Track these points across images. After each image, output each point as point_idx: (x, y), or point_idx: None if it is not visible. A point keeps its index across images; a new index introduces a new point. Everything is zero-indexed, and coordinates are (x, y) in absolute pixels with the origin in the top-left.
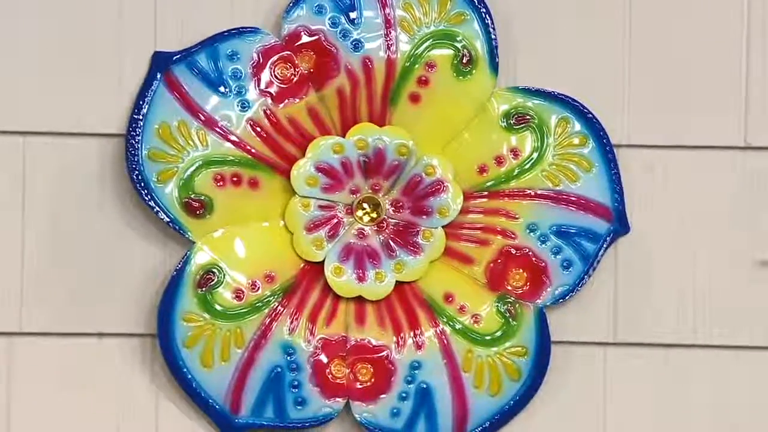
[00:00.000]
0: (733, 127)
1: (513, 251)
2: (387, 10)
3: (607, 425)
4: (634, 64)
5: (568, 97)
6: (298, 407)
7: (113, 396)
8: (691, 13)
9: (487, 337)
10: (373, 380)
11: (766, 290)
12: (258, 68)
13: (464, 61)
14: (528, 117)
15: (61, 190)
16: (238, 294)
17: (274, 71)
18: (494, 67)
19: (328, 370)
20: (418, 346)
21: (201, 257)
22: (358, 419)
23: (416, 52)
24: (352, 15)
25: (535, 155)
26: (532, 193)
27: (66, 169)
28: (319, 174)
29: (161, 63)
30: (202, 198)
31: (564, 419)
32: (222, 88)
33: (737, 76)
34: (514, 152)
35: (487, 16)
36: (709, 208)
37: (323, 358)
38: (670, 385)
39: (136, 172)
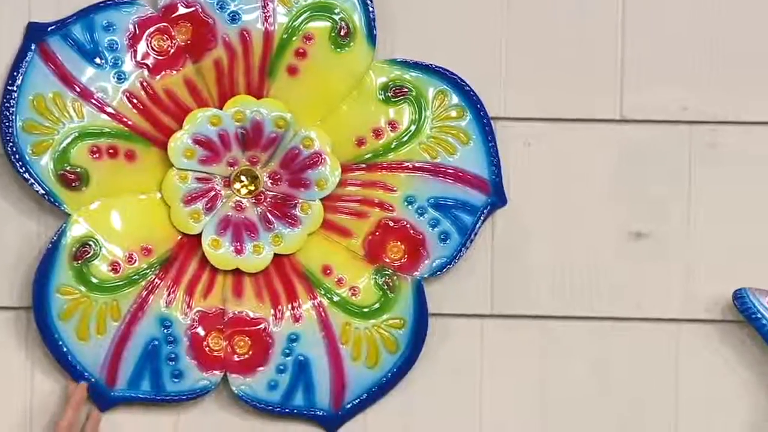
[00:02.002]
0: (609, 101)
1: (391, 224)
2: None
3: (483, 397)
4: (512, 38)
5: (445, 69)
6: (175, 380)
7: None
8: None
9: (365, 310)
10: (250, 353)
11: (642, 262)
12: (134, 40)
13: (342, 33)
14: (406, 90)
15: None
16: (115, 267)
17: (150, 43)
18: (372, 39)
19: (205, 343)
20: (296, 319)
21: (77, 230)
22: (236, 392)
23: (294, 24)
24: None
25: (412, 128)
26: (410, 166)
27: None
28: (197, 146)
29: (35, 34)
30: (78, 170)
31: (441, 391)
32: (98, 60)
33: (613, 50)
34: (392, 125)
35: None
36: (585, 180)
37: (200, 331)
38: (547, 356)
39: (11, 144)
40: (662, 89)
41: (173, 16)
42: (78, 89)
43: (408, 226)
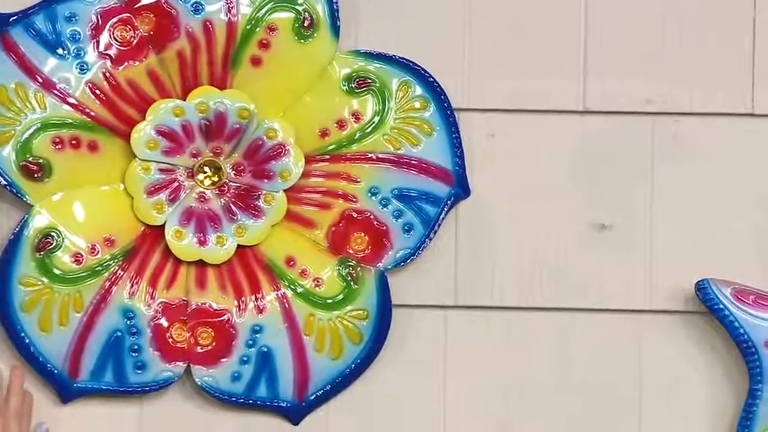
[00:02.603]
0: (572, 92)
1: (354, 215)
2: None
3: (447, 388)
4: (475, 29)
5: (409, 61)
6: (138, 371)
7: None
8: None
9: (329, 301)
10: (214, 344)
11: (605, 253)
12: (97, 30)
13: (305, 24)
14: (369, 81)
15: None
16: (78, 258)
17: (113, 33)
18: (335, 30)
19: (168, 334)
20: (260, 310)
21: (39, 221)
22: (199, 383)
23: (257, 15)
24: None
25: (376, 119)
26: (374, 157)
27: None
28: (160, 137)
29: None
30: (41, 161)
31: (405, 382)
32: (60, 50)
33: (576, 41)
34: (356, 116)
35: None
36: (548, 172)
37: (163, 322)
38: (510, 347)
39: None
40: (625, 81)
41: (136, 6)
42: (40, 80)
43: (372, 217)
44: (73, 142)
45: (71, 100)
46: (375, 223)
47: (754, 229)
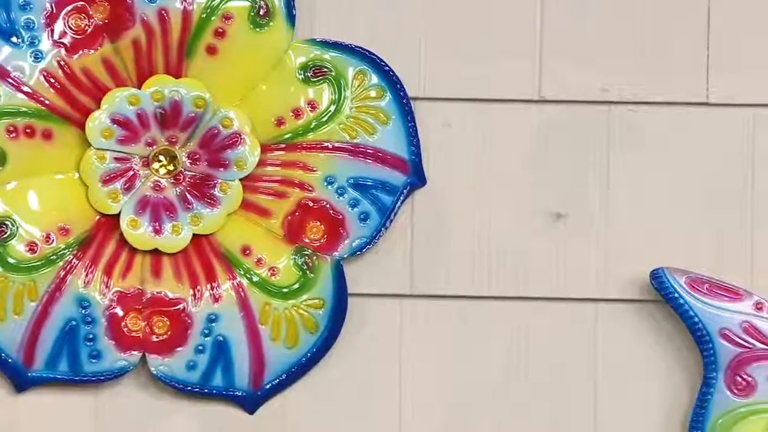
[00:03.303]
0: (527, 81)
1: (310, 204)
2: None
3: (403, 377)
4: (431, 17)
5: (364, 49)
6: (93, 360)
7: None
8: None
9: (285, 290)
10: (169, 333)
11: (560, 242)
12: (51, 18)
13: (261, 12)
14: (325, 69)
15: None
16: (32, 247)
17: (68, 22)
18: (291, 19)
19: (123, 323)
20: (215, 299)
21: None
22: (154, 372)
23: (213, 3)
24: None
25: (332, 108)
26: (330, 146)
27: None
28: (115, 126)
29: None
30: None
31: (361, 371)
32: (14, 39)
33: (532, 30)
34: (312, 105)
35: None
36: (504, 161)
37: (119, 311)
38: (466, 336)
39: None
40: (581, 70)
41: None
42: None
43: (328, 206)
44: (28, 130)
45: (25, 89)
46: (331, 212)
47: (708, 218)
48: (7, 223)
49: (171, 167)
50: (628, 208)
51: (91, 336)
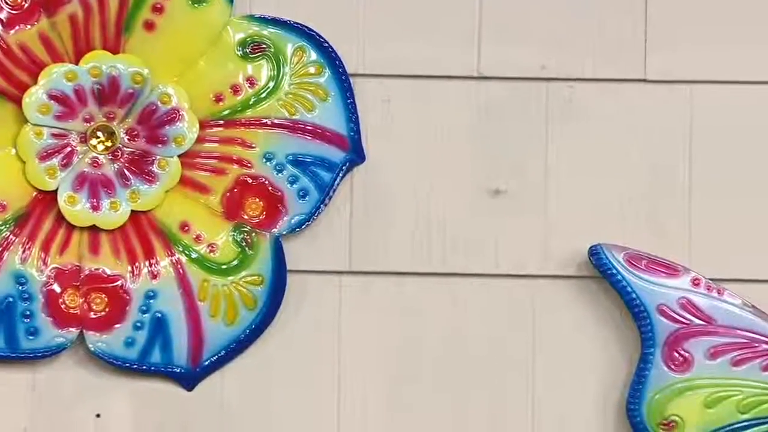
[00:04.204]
0: (467, 58)
1: (249, 180)
2: None
3: (342, 353)
4: None
5: (303, 26)
6: (30, 337)
7: None
8: None
9: (223, 267)
10: (107, 310)
11: (500, 219)
12: None
13: None
14: (264, 46)
15: None
16: None
17: None
18: None
19: (61, 300)
20: (154, 276)
21: None
22: (92, 349)
23: None
24: None
25: (271, 84)
26: (269, 122)
27: None
28: (52, 102)
29: None
30: None
31: (299, 348)
32: None
33: (471, 7)
34: (250, 81)
35: None
36: (444, 137)
37: (56, 288)
38: (405, 312)
39: None
40: (520, 47)
41: None
42: None
43: (266, 182)
44: None
45: None
46: (270, 188)
47: (646, 194)
48: None
49: (109, 143)
50: (567, 185)
51: (28, 313)
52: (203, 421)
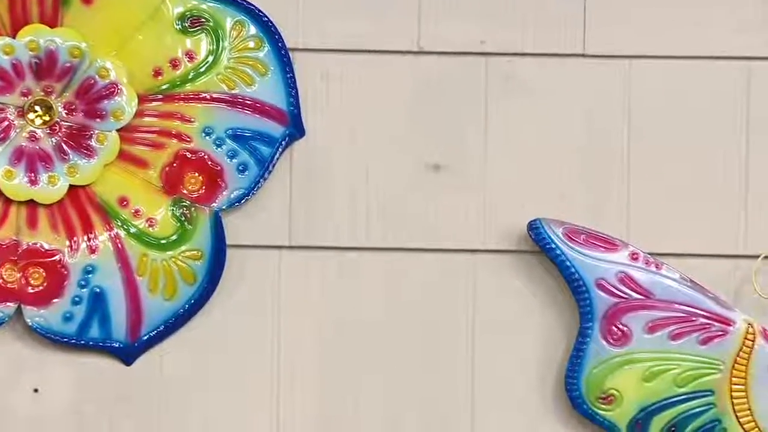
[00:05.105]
0: (406, 32)
1: (188, 155)
2: None
3: (281, 328)
4: None
5: (243, 0)
6: None
7: None
8: None
9: (163, 241)
10: (45, 284)
11: (439, 193)
12: None
13: None
14: (203, 20)
15: None
16: None
17: None
18: None
19: None
20: (92, 250)
21: None
22: (30, 324)
23: None
24: None
25: (210, 58)
26: (208, 97)
27: None
28: None
29: None
30: None
31: (239, 322)
32: None
33: None
34: (189, 55)
35: None
36: (383, 112)
37: None
38: (345, 287)
39: None
40: (459, 22)
41: None
42: None
43: (206, 157)
44: None
45: None
46: (209, 163)
47: (584, 169)
48: None
49: (47, 117)
50: (506, 159)
51: None
52: (143, 396)
